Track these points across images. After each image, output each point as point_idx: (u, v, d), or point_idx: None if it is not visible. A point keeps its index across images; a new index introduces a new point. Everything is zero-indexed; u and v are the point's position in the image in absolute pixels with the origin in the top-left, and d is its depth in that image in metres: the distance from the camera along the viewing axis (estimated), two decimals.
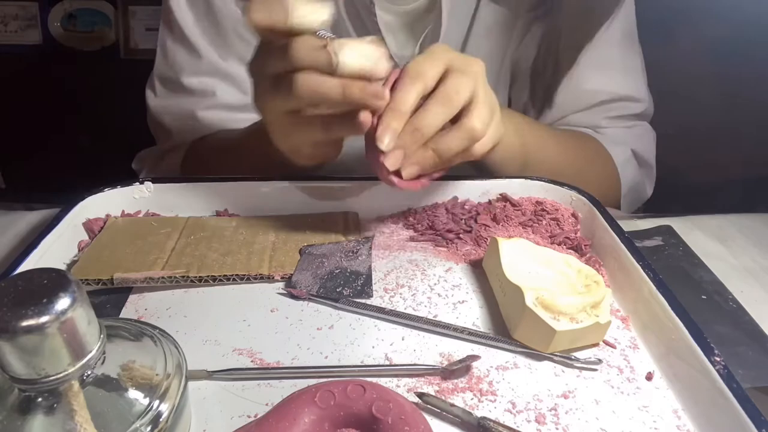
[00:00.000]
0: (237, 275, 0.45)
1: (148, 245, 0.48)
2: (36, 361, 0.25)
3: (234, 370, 0.36)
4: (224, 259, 0.46)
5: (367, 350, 0.39)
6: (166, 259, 0.46)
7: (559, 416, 0.34)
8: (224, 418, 0.34)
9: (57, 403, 0.26)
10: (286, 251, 0.48)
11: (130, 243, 0.48)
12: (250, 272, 0.45)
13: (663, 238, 0.56)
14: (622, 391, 0.37)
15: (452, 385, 0.36)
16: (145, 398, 0.28)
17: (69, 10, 1.45)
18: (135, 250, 0.47)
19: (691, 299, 0.46)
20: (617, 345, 0.40)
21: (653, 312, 0.41)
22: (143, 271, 0.44)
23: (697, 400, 0.35)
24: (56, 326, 0.25)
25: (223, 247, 0.48)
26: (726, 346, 0.37)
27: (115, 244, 0.48)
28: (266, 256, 0.47)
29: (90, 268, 0.44)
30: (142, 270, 0.44)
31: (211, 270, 0.45)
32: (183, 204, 0.54)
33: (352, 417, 0.29)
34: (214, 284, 0.45)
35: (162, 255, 0.47)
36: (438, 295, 0.45)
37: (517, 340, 0.39)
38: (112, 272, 0.44)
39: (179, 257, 0.47)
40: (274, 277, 0.45)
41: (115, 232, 0.50)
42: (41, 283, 0.26)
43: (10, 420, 0.26)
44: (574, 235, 0.51)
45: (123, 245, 0.48)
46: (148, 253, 0.47)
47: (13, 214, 0.58)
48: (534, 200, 0.54)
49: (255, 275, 0.45)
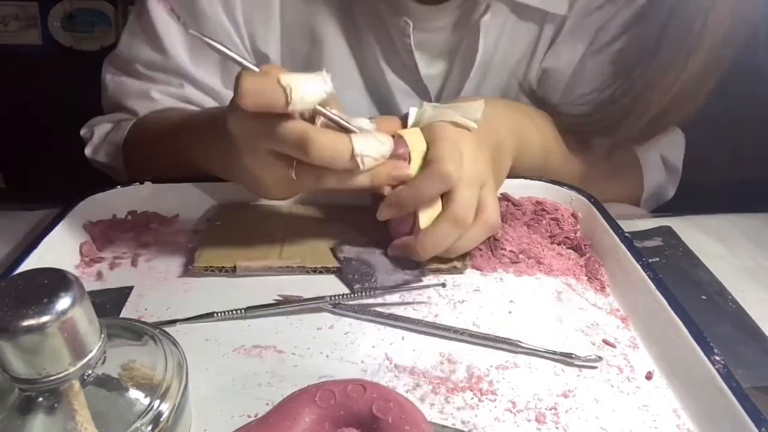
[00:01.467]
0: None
1: (260, 234, 0.49)
2: (36, 360, 0.25)
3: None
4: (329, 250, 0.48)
5: (368, 350, 0.39)
6: (279, 248, 0.48)
7: (559, 415, 0.34)
8: (225, 418, 0.34)
9: (57, 403, 0.26)
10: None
11: (243, 232, 0.49)
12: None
13: (663, 238, 0.56)
14: (622, 390, 0.37)
15: (452, 385, 0.36)
16: (146, 398, 0.28)
17: (69, 10, 1.45)
18: (250, 239, 0.48)
19: (691, 299, 0.46)
20: (617, 344, 0.40)
21: (653, 311, 0.41)
22: (261, 260, 0.46)
23: (696, 399, 0.35)
24: (57, 326, 0.25)
25: (330, 237, 0.49)
26: (726, 346, 0.37)
27: (229, 232, 0.49)
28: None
29: (211, 257, 0.46)
30: (260, 259, 0.46)
31: (325, 261, 0.46)
32: (183, 204, 0.54)
33: (352, 416, 0.29)
34: (327, 274, 0.46)
35: (274, 244, 0.48)
36: (438, 294, 0.45)
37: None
38: (234, 261, 0.45)
39: (291, 246, 0.48)
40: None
41: (225, 218, 0.51)
42: (42, 283, 0.26)
43: (11, 420, 0.26)
44: (573, 235, 0.51)
45: (237, 234, 0.49)
46: (262, 242, 0.48)
47: (13, 214, 0.58)
48: (534, 200, 0.54)
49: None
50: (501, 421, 0.34)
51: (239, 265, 0.45)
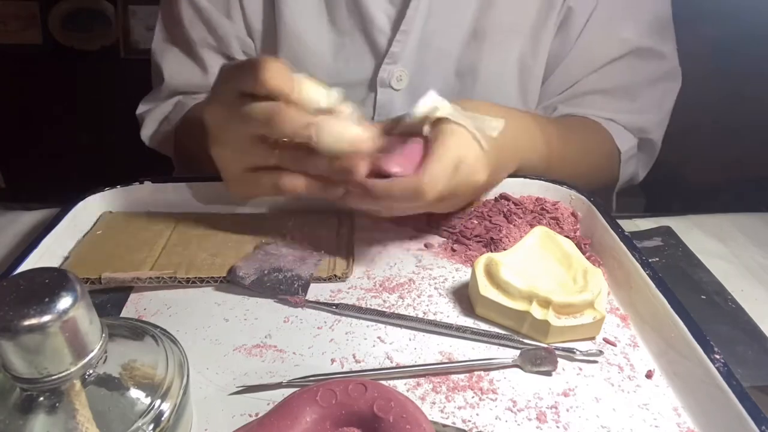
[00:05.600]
0: (224, 277, 0.44)
1: (138, 243, 0.47)
2: (38, 360, 0.25)
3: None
4: (213, 260, 0.46)
5: (368, 349, 0.39)
6: (155, 258, 0.46)
7: (560, 414, 0.34)
8: (226, 417, 0.34)
9: (59, 403, 0.26)
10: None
11: (121, 240, 0.47)
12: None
13: (663, 238, 0.56)
14: (623, 389, 0.37)
15: (453, 384, 0.36)
16: (147, 397, 0.28)
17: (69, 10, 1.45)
18: (125, 248, 0.46)
19: (691, 299, 0.47)
20: (617, 343, 0.40)
21: (653, 310, 0.41)
22: (131, 270, 0.44)
23: (697, 397, 0.35)
24: (58, 325, 0.25)
25: (213, 247, 0.47)
26: (725, 346, 0.37)
27: (105, 241, 0.47)
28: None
29: (80, 266, 0.44)
30: (130, 269, 0.44)
31: (199, 271, 0.44)
32: (183, 203, 0.54)
33: (353, 416, 0.29)
34: (201, 285, 0.44)
35: (152, 254, 0.46)
36: (439, 294, 0.45)
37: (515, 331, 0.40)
38: (102, 271, 0.43)
39: (169, 256, 0.46)
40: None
41: (107, 227, 0.49)
42: (43, 283, 0.26)
43: (12, 419, 0.26)
44: (573, 234, 0.51)
45: (114, 242, 0.47)
46: (138, 251, 0.46)
47: (13, 214, 0.58)
48: (534, 199, 0.54)
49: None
50: (502, 420, 0.34)
51: (104, 276, 0.43)
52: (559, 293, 0.39)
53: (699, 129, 1.13)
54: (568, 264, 0.43)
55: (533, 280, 0.41)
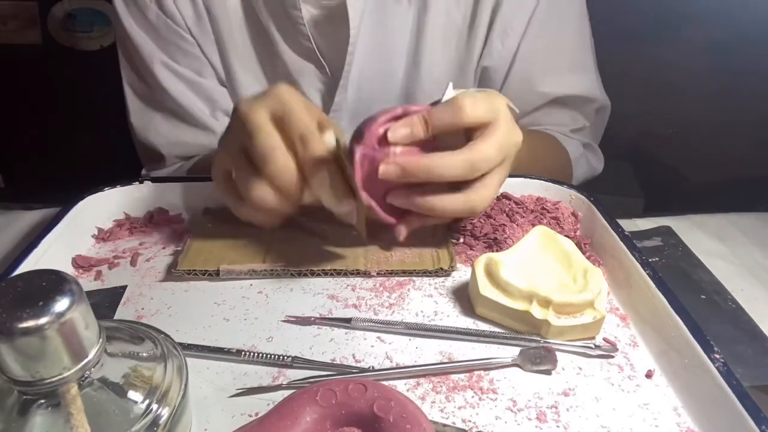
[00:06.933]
0: (334, 269, 0.46)
1: (247, 235, 0.49)
2: (34, 363, 0.25)
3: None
4: (321, 253, 0.48)
5: (368, 349, 0.39)
6: (265, 251, 0.48)
7: (560, 414, 0.34)
8: (226, 417, 0.34)
9: (56, 406, 0.26)
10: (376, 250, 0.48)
11: (230, 233, 0.49)
12: (348, 267, 0.46)
13: (662, 238, 0.56)
14: (623, 388, 0.37)
15: (453, 384, 0.36)
16: (145, 401, 0.28)
17: (69, 10, 1.44)
18: (235, 241, 0.49)
19: (691, 299, 0.47)
20: (617, 343, 0.40)
21: (653, 309, 0.41)
22: (246, 263, 0.46)
23: (696, 397, 0.35)
24: (55, 328, 0.24)
25: (319, 242, 0.49)
26: (725, 346, 0.37)
27: (215, 234, 0.49)
28: (360, 251, 0.48)
29: (196, 260, 0.46)
30: (245, 262, 0.46)
31: (310, 264, 0.46)
32: (183, 203, 0.54)
33: (353, 415, 0.29)
34: (312, 277, 0.46)
35: (261, 247, 0.48)
36: (439, 293, 0.45)
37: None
38: (218, 264, 0.45)
39: (279, 249, 0.48)
40: (370, 272, 0.46)
41: (215, 221, 0.51)
42: (40, 285, 0.26)
43: (10, 422, 0.26)
44: (573, 234, 0.51)
45: (224, 236, 0.49)
46: (248, 245, 0.48)
47: (13, 213, 0.58)
48: (534, 198, 0.54)
49: (352, 270, 0.46)
50: (502, 420, 0.34)
51: (222, 268, 0.45)
52: (559, 293, 0.39)
53: (699, 129, 1.13)
54: (568, 264, 0.43)
55: (533, 279, 0.41)
